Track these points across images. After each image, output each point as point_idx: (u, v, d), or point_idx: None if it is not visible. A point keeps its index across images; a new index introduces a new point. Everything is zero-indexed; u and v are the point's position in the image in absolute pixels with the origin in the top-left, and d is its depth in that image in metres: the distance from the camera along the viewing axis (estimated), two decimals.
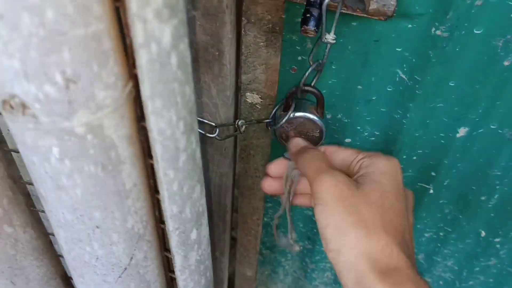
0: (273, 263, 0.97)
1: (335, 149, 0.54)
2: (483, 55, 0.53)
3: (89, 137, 0.31)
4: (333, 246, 0.43)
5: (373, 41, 0.54)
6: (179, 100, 0.33)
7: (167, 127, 0.34)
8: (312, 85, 0.55)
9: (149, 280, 0.47)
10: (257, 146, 0.71)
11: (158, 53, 0.30)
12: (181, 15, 0.30)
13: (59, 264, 0.53)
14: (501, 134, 0.61)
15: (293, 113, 0.56)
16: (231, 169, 0.74)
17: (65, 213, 0.37)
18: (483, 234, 0.77)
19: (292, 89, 0.55)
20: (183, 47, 0.32)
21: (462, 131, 0.61)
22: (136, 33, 0.28)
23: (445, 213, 0.75)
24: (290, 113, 0.56)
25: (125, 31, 0.30)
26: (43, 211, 0.47)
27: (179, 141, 0.36)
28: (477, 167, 0.66)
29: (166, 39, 0.29)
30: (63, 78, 0.27)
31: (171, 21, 0.29)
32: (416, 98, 0.58)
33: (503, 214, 0.72)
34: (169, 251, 0.46)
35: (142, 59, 0.29)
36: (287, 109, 0.57)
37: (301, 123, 0.57)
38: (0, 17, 0.24)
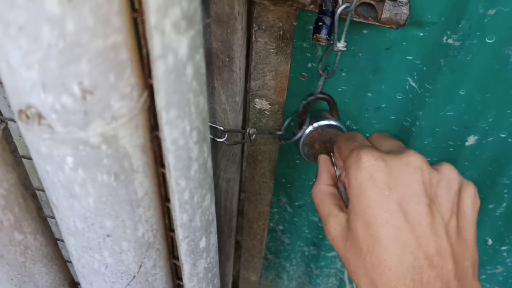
0: (278, 268, 0.97)
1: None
2: (494, 64, 0.52)
3: (104, 147, 0.31)
4: None
5: (384, 49, 0.54)
6: (193, 110, 0.33)
7: (180, 137, 0.34)
8: (320, 91, 0.55)
9: (157, 287, 0.47)
10: (265, 152, 0.71)
11: (174, 64, 0.29)
12: (198, 26, 0.30)
13: (67, 270, 0.53)
14: (510, 143, 0.60)
15: (311, 125, 0.56)
16: (238, 174, 0.74)
17: (76, 222, 0.36)
18: (490, 242, 0.76)
19: (305, 101, 0.55)
20: (198, 57, 0.31)
21: (471, 140, 0.61)
22: (153, 45, 0.27)
23: None
24: (308, 126, 0.55)
25: (142, 41, 0.30)
26: (52, 217, 0.47)
27: (191, 151, 0.35)
28: (486, 176, 0.66)
29: (183, 50, 0.29)
30: (80, 89, 0.27)
31: (189, 33, 0.29)
32: (426, 106, 0.58)
33: (510, 222, 0.72)
34: (177, 258, 0.46)
35: (158, 70, 0.29)
36: (303, 124, 0.57)
37: (322, 132, 0.57)
38: (19, 28, 0.24)
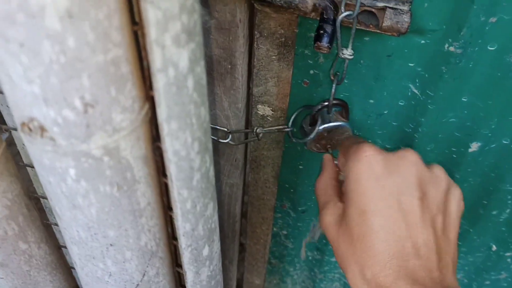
0: (282, 272, 0.97)
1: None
2: (496, 71, 0.52)
3: (106, 159, 0.31)
4: None
5: (385, 56, 0.54)
6: (194, 121, 0.34)
7: (182, 148, 0.34)
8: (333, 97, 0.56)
9: None
10: (268, 157, 0.71)
11: (175, 77, 0.30)
12: (198, 38, 0.30)
13: (71, 277, 0.54)
14: None
15: (325, 124, 0.57)
16: (241, 180, 0.74)
17: (80, 231, 0.37)
18: (494, 248, 0.76)
19: (320, 106, 0.56)
20: (199, 69, 0.32)
21: (474, 146, 0.61)
22: (154, 58, 0.28)
23: None
24: (321, 125, 0.57)
25: (143, 53, 0.30)
26: (56, 224, 0.48)
27: (193, 161, 0.36)
28: (489, 182, 0.66)
29: (183, 63, 0.30)
30: (81, 103, 0.27)
31: (189, 46, 0.29)
32: (428, 112, 0.58)
33: None
34: (180, 266, 0.46)
35: (159, 83, 0.29)
36: (314, 123, 0.58)
37: (332, 131, 0.58)
38: (20, 44, 0.24)
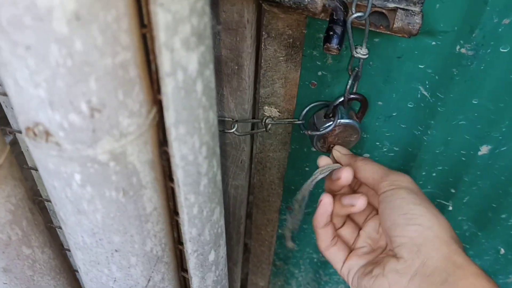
0: (286, 274, 0.96)
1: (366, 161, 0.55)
2: (508, 73, 0.51)
3: (112, 164, 0.30)
4: (422, 221, 0.46)
5: (395, 58, 0.53)
6: (202, 125, 0.33)
7: (189, 152, 0.33)
8: (354, 92, 0.55)
9: None
10: (273, 159, 0.70)
11: (184, 80, 0.29)
12: (208, 41, 0.29)
13: (75, 281, 0.53)
14: None
15: (343, 120, 0.56)
16: (247, 182, 0.74)
17: (85, 237, 0.36)
18: (502, 251, 0.75)
19: (339, 99, 0.54)
20: (208, 73, 0.31)
21: (484, 149, 0.60)
22: (163, 62, 0.27)
23: (463, 229, 0.74)
24: (337, 121, 0.56)
25: (151, 56, 0.29)
26: (60, 228, 0.47)
27: (201, 166, 0.35)
28: (498, 185, 0.65)
29: (192, 66, 0.29)
30: (88, 107, 0.27)
31: (199, 49, 0.28)
32: (437, 115, 0.57)
33: None
34: (186, 271, 0.45)
35: (168, 87, 0.28)
36: (328, 117, 0.57)
37: (342, 129, 0.57)
38: (27, 48, 0.24)
